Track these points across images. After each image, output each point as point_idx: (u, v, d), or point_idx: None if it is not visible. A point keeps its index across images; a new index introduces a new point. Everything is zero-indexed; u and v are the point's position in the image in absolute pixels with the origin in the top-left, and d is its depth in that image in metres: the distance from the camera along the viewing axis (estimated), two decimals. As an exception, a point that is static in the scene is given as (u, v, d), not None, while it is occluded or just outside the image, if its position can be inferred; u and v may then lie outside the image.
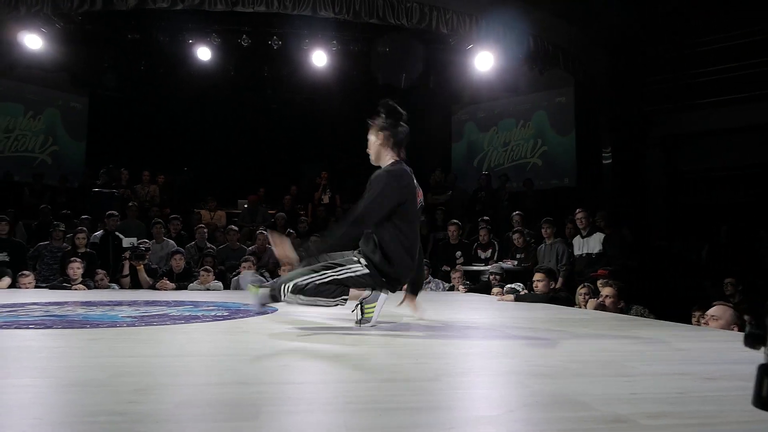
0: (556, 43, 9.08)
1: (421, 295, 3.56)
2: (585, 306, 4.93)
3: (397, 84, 11.21)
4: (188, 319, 3.26)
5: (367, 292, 2.94)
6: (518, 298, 5.29)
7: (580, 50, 9.41)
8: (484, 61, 9.60)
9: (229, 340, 2.60)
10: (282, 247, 2.82)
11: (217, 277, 6.80)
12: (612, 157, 9.77)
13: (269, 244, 7.48)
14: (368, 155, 3.16)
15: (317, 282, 2.77)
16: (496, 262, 7.34)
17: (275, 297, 2.82)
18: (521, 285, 5.72)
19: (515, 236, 7.37)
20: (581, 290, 5.22)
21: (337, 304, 2.86)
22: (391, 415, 1.28)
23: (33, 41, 9.29)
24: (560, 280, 6.38)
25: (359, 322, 2.89)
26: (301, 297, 2.78)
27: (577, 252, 6.72)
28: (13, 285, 6.28)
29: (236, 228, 8.27)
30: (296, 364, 1.99)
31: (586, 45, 9.33)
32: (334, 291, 2.80)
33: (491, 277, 6.83)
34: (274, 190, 10.82)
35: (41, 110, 11.51)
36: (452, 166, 12.27)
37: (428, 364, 1.98)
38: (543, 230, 6.97)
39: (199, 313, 3.62)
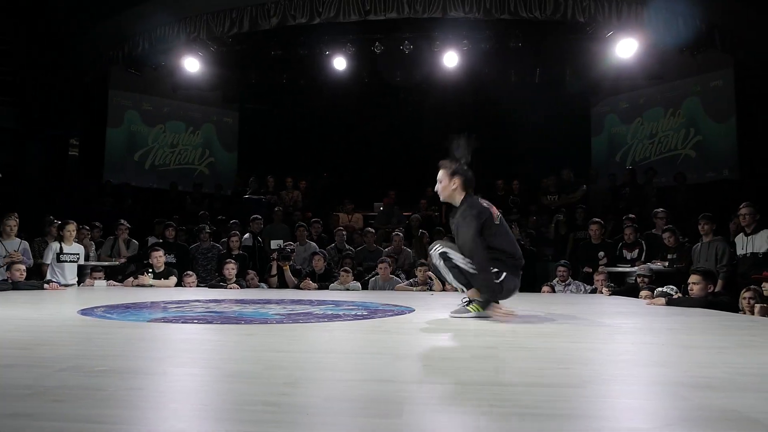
0: (711, 21, 8.20)
1: (559, 297, 3.45)
2: (750, 312, 4.40)
3: (531, 79, 10.86)
4: (331, 318, 3.42)
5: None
6: (670, 302, 4.84)
7: (741, 25, 8.40)
8: (627, 47, 8.98)
9: (371, 338, 2.68)
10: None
11: (356, 278, 7.05)
12: (783, 144, 8.62)
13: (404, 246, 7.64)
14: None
15: None
16: (644, 262, 6.80)
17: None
18: (674, 288, 5.23)
19: (666, 235, 6.77)
20: (745, 294, 4.65)
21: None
22: (535, 421, 1.24)
23: (192, 64, 10.42)
24: (720, 282, 5.74)
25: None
26: None
27: (740, 252, 6.00)
28: (179, 283, 7.02)
29: (373, 230, 8.53)
30: (437, 365, 2.00)
31: (748, 19, 8.29)
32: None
33: (639, 279, 6.34)
34: (409, 191, 11.01)
35: (199, 126, 12.81)
36: (592, 162, 11.62)
37: (573, 369, 1.88)
38: (700, 227, 6.30)
39: (340, 312, 3.77)
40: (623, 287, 6.55)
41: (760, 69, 8.79)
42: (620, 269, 7.05)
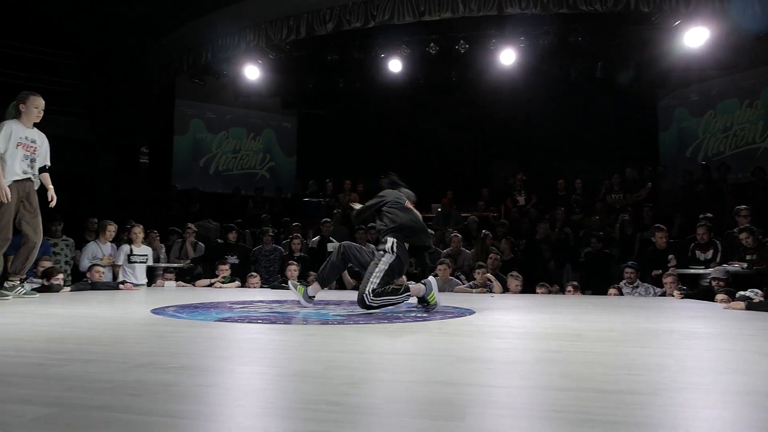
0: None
1: (626, 299, 3.29)
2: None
3: (592, 74, 10.53)
4: (391, 319, 3.42)
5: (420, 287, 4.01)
6: (750, 307, 4.57)
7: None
8: (696, 36, 8.54)
9: (431, 340, 2.67)
10: None
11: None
12: None
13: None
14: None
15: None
16: (719, 264, 6.45)
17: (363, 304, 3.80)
18: (757, 291, 4.93)
19: (743, 234, 6.39)
20: (835, 298, 4.34)
21: (404, 301, 3.96)
22: (605, 429, 1.19)
23: (252, 72, 10.74)
24: (805, 285, 5.37)
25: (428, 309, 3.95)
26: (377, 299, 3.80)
27: (828, 252, 5.60)
28: (243, 285, 7.25)
29: (431, 231, 8.48)
30: (500, 367, 1.96)
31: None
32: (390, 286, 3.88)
33: (714, 282, 6.02)
34: (466, 192, 10.92)
35: (260, 132, 13.18)
36: (660, 158, 11.14)
37: (644, 376, 1.81)
38: (780, 227, 5.93)
39: (400, 314, 3.78)
40: (696, 290, 6.23)
41: None
42: (693, 271, 6.72)
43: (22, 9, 10.14)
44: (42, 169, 4.78)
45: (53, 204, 4.81)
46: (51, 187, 4.82)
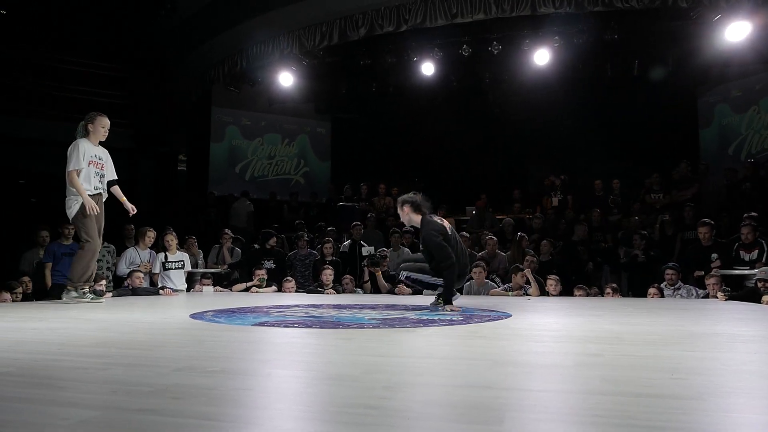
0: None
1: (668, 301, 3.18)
2: None
3: (629, 72, 10.31)
4: (426, 323, 3.41)
5: None
6: (800, 308, 4.39)
7: None
8: (738, 31, 8.26)
9: (468, 344, 2.65)
10: None
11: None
12: None
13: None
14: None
15: None
16: (765, 264, 6.22)
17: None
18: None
19: (790, 234, 6.16)
20: None
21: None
22: (648, 435, 1.16)
23: (286, 79, 10.88)
24: None
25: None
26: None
27: None
28: (279, 289, 7.33)
29: (467, 234, 8.43)
30: (538, 371, 1.94)
31: None
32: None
33: (759, 283, 5.80)
34: (501, 194, 10.83)
35: (294, 137, 13.36)
36: (701, 156, 10.82)
37: (687, 380, 1.75)
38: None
39: (435, 317, 3.76)
40: (741, 291, 6.02)
41: None
42: (737, 272, 6.49)
43: (67, 23, 10.53)
44: (112, 183, 5.15)
45: (133, 212, 5.26)
46: (124, 198, 5.24)
